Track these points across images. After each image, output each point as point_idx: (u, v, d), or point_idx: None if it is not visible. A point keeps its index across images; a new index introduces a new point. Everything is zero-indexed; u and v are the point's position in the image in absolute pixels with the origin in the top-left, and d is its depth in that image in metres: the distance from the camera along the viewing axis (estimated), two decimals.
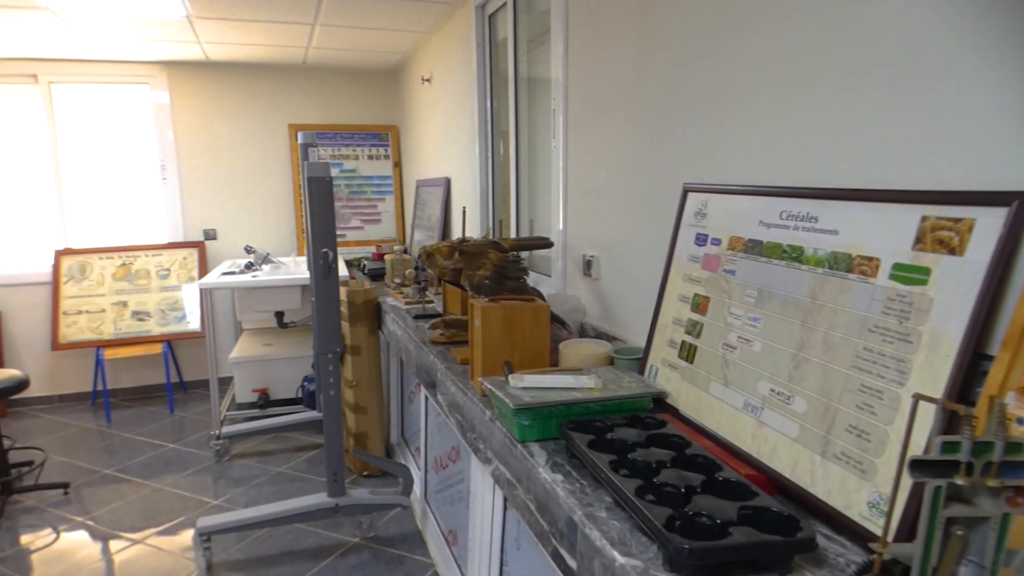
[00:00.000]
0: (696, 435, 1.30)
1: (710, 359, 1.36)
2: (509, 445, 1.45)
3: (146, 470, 3.54)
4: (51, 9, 3.18)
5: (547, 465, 1.30)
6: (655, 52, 1.76)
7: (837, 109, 1.20)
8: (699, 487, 1.06)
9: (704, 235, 1.47)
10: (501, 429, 1.51)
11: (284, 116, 4.93)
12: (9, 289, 4.47)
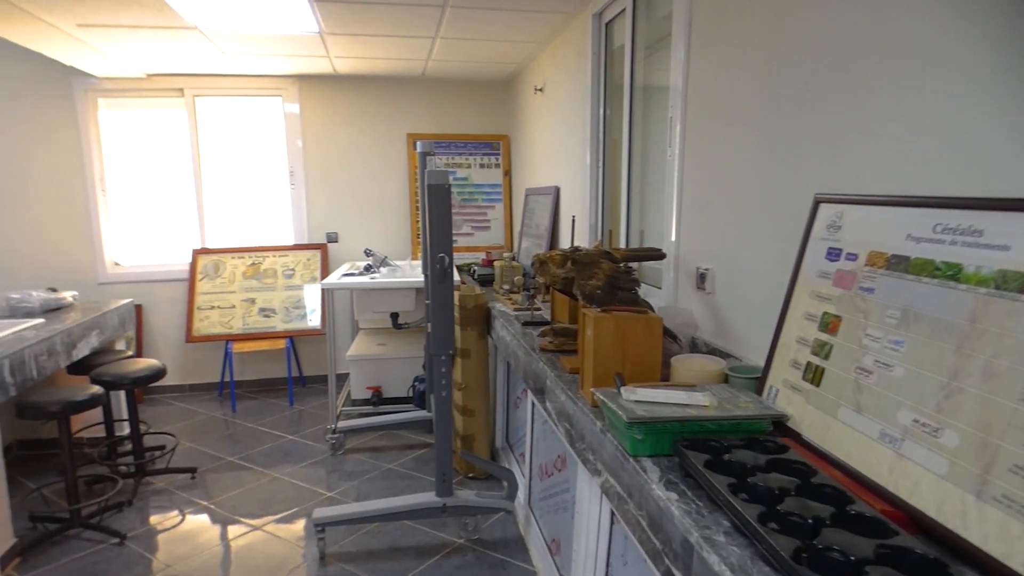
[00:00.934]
0: (821, 463, 1.22)
1: (840, 383, 1.27)
2: (620, 458, 1.43)
3: (266, 459, 3.79)
4: (200, 29, 3.49)
5: (660, 482, 1.26)
6: (788, 55, 1.68)
7: (1008, 105, 1.09)
8: (828, 519, 0.99)
9: (837, 249, 1.38)
10: (612, 441, 1.48)
11: (403, 125, 5.14)
12: (151, 285, 4.93)
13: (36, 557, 2.78)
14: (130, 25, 3.35)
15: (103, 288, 4.82)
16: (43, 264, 4.74)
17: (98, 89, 4.65)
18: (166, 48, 3.88)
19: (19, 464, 3.74)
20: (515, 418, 3.48)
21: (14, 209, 4.63)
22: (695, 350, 2.08)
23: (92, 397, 2.89)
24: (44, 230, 4.71)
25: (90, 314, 3.58)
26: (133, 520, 3.11)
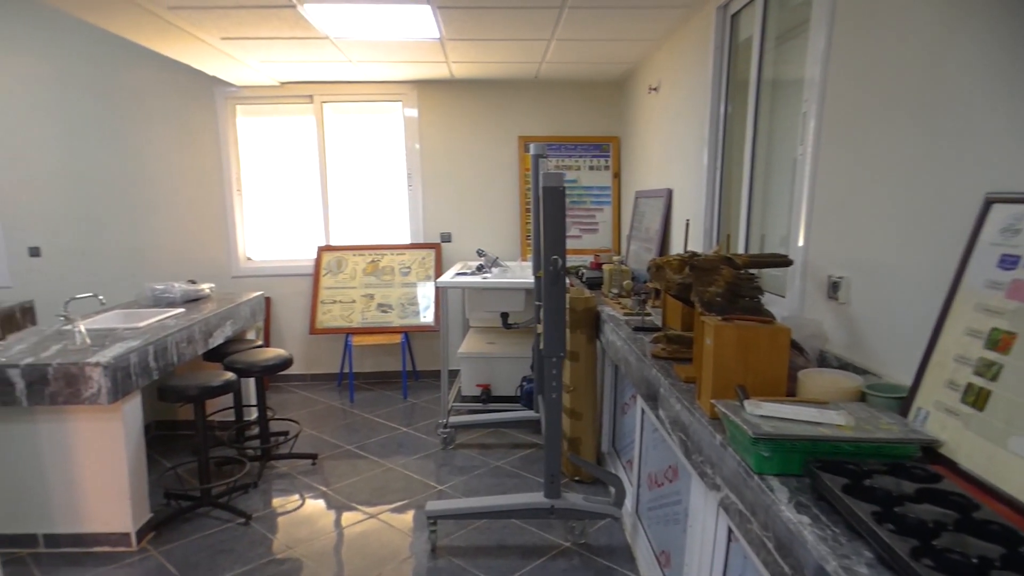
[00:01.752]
0: (985, 496, 1.09)
1: (1012, 408, 1.13)
2: (743, 475, 1.35)
3: (381, 450, 3.94)
4: (331, 39, 3.68)
5: (790, 503, 1.18)
6: (962, 33, 1.49)
7: None
8: (998, 561, 0.88)
9: (1014, 257, 1.23)
10: (734, 456, 1.41)
11: (514, 128, 5.19)
12: (279, 279, 5.26)
13: (169, 532, 3.03)
14: (268, 37, 3.59)
15: (236, 281, 5.21)
16: (183, 258, 5.18)
17: (237, 97, 5.03)
18: (299, 57, 4.12)
19: (156, 443, 4.10)
20: (622, 424, 3.42)
21: (159, 207, 5.10)
22: (824, 364, 1.94)
23: (226, 383, 3.12)
24: (185, 226, 5.15)
25: (225, 305, 3.88)
26: (257, 502, 3.33)
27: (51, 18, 4.79)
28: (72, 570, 2.70)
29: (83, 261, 5.12)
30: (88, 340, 2.93)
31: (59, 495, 2.80)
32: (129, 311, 3.67)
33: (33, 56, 4.85)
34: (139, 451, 2.90)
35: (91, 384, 2.62)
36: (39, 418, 2.73)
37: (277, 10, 3.13)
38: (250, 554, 2.82)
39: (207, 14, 3.14)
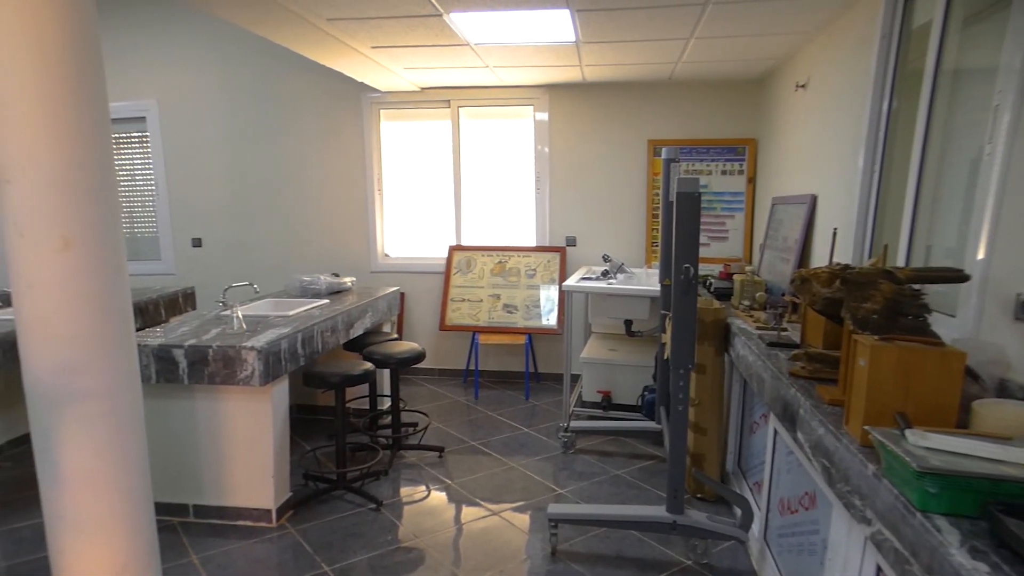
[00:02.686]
0: None
1: None
2: (903, 511, 1.24)
3: (504, 448, 4.00)
4: (471, 45, 3.79)
5: (963, 548, 1.07)
6: None
7: None
8: None
9: None
10: (891, 490, 1.30)
11: (644, 132, 5.09)
12: (413, 276, 5.50)
13: (306, 512, 3.24)
14: (414, 45, 3.76)
15: (374, 276, 5.51)
16: (328, 252, 5.55)
17: (381, 102, 5.32)
18: (440, 64, 4.29)
19: (296, 426, 4.41)
20: (750, 443, 3.25)
21: (308, 204, 5.50)
22: (1005, 395, 1.73)
23: (365, 373, 3.30)
24: (330, 223, 5.51)
25: (364, 298, 4.10)
26: (387, 489, 3.49)
27: (221, 34, 5.31)
28: (217, 541, 2.96)
29: (239, 252, 5.63)
30: (244, 326, 3.21)
31: (210, 469, 3.09)
32: (279, 300, 3.99)
33: (204, 68, 5.40)
34: (284, 432, 3.14)
35: (246, 366, 2.87)
36: (197, 395, 3.03)
37: (424, 19, 3.27)
38: (379, 540, 2.96)
39: (361, 24, 3.35)
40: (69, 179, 1.82)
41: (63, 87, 1.78)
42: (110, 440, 1.96)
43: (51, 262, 1.83)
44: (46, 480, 1.95)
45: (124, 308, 1.98)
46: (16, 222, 1.81)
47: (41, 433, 1.91)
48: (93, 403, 1.92)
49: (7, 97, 1.75)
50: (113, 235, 1.93)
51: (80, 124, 1.83)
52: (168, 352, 2.92)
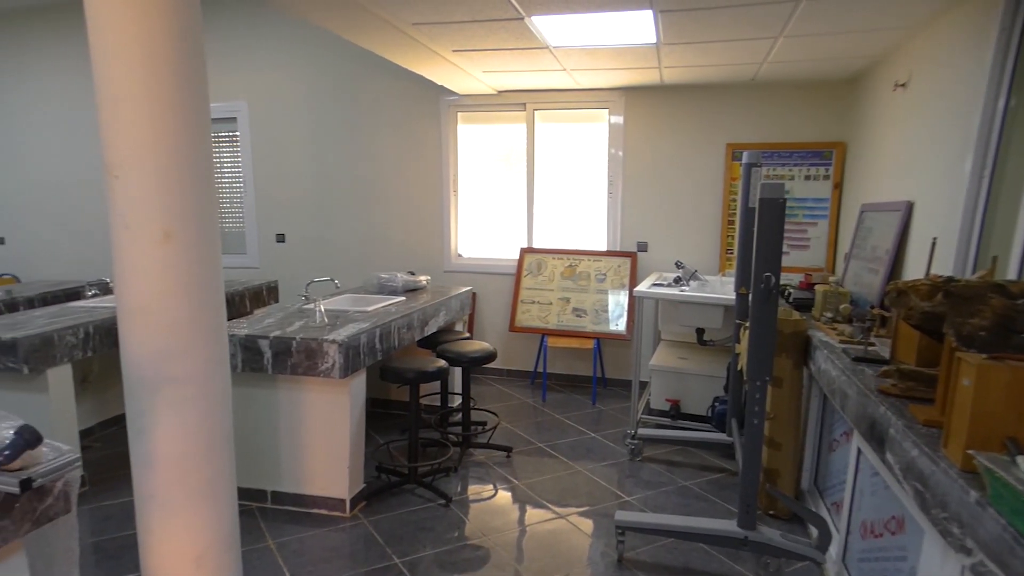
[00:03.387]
0: None
1: None
2: (1012, 543, 1.15)
3: (570, 452, 3.98)
4: (551, 48, 3.79)
5: None
6: None
7: None
8: None
9: None
10: (998, 519, 1.21)
11: (722, 135, 4.96)
12: (485, 276, 5.55)
13: (378, 504, 3.31)
14: (494, 48, 3.79)
15: (447, 275, 5.60)
16: (404, 250, 5.67)
17: (459, 104, 5.39)
18: (517, 67, 4.31)
19: (370, 419, 4.52)
20: (829, 461, 3.11)
21: (386, 203, 5.63)
22: None
23: (439, 370, 3.35)
24: (407, 222, 5.63)
25: (438, 297, 4.17)
26: (456, 486, 3.53)
27: (307, 38, 5.51)
28: (292, 527, 3.07)
29: (319, 248, 5.82)
30: (326, 319, 3.32)
31: (289, 457, 3.21)
32: (358, 296, 4.10)
33: (291, 70, 5.62)
34: (360, 425, 3.22)
35: (327, 359, 2.96)
36: (280, 385, 3.15)
37: (506, 23, 3.29)
38: (447, 535, 3.00)
39: (444, 28, 3.40)
40: (172, 175, 1.93)
41: (169, 89, 1.89)
42: (199, 425, 2.06)
43: (152, 253, 1.94)
44: (138, 460, 2.07)
45: (217, 299, 2.08)
46: (122, 215, 1.93)
47: (136, 415, 2.03)
48: (185, 388, 2.02)
49: (119, 97, 1.87)
50: (210, 229, 2.03)
51: (183, 124, 1.94)
52: (254, 342, 3.05)
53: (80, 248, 6.44)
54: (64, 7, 6.04)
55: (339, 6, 3.02)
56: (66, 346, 3.22)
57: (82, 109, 6.18)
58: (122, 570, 2.71)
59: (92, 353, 3.39)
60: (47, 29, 6.12)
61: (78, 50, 6.07)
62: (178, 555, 2.09)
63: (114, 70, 1.84)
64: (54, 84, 6.21)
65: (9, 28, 6.22)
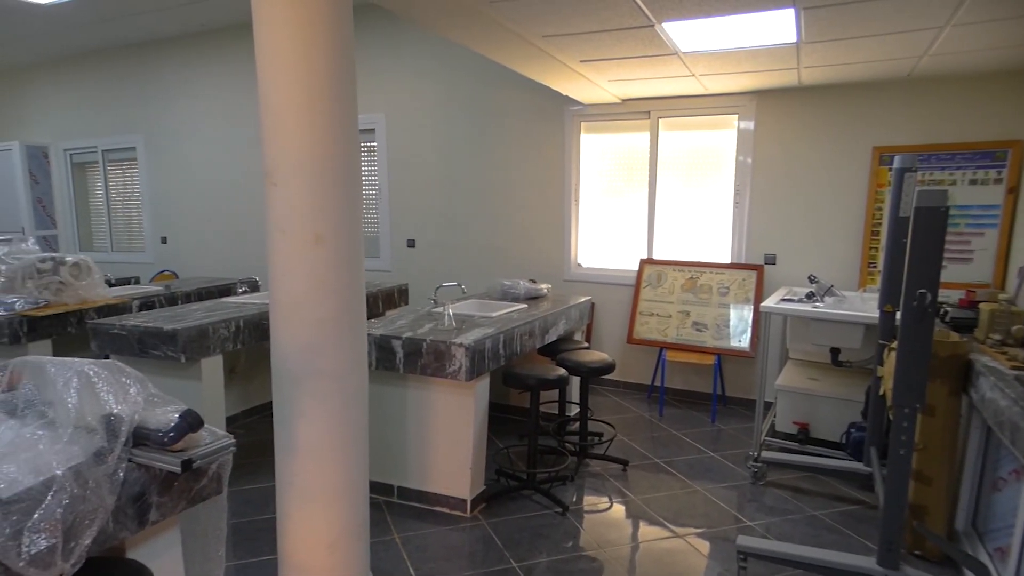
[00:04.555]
0: None
1: None
2: None
3: (688, 470, 3.85)
4: (680, 54, 3.72)
5: None
6: None
7: None
8: None
9: None
10: None
11: (868, 138, 4.62)
12: (603, 286, 5.51)
13: (496, 506, 3.36)
14: (621, 57, 3.77)
15: (567, 284, 5.61)
16: (525, 258, 5.75)
17: (582, 114, 5.40)
18: (644, 75, 4.26)
19: (490, 423, 4.58)
20: (993, 501, 2.80)
21: (510, 211, 5.73)
22: None
23: (559, 378, 3.36)
24: (529, 230, 5.70)
25: (559, 306, 4.19)
26: (572, 495, 3.51)
27: (441, 53, 5.74)
28: (416, 523, 3.17)
29: (446, 253, 6.03)
30: (453, 323, 3.43)
31: (415, 454, 3.33)
32: (483, 301, 4.21)
33: (425, 84, 5.87)
34: (482, 428, 3.29)
35: (454, 361, 3.05)
36: (409, 384, 3.28)
37: (635, 31, 3.26)
38: (563, 544, 2.99)
39: (573, 39, 3.43)
40: (324, 183, 2.06)
41: (324, 105, 2.03)
42: (339, 417, 2.18)
43: (304, 255, 2.08)
44: (281, 448, 2.22)
45: (359, 299, 2.20)
46: (278, 219, 2.09)
47: (282, 405, 2.19)
48: (327, 382, 2.15)
49: (280, 112, 2.03)
50: (355, 233, 2.16)
51: (336, 137, 2.07)
52: (388, 342, 3.20)
53: (232, 248, 7.05)
54: (228, 32, 6.66)
55: (476, 22, 3.12)
56: (219, 338, 3.53)
57: (240, 123, 6.77)
58: (259, 552, 2.92)
59: (241, 346, 3.69)
60: (214, 51, 6.77)
61: (239, 69, 6.66)
62: (313, 540, 2.23)
63: (276, 88, 2.01)
64: (218, 100, 6.86)
65: (182, 50, 6.95)
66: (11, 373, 1.82)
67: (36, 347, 3.78)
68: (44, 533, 1.38)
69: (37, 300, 3.91)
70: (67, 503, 1.43)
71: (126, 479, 1.57)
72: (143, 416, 1.62)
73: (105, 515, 1.51)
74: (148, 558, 1.77)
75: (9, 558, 1.33)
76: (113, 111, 7.53)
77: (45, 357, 1.76)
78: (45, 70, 7.96)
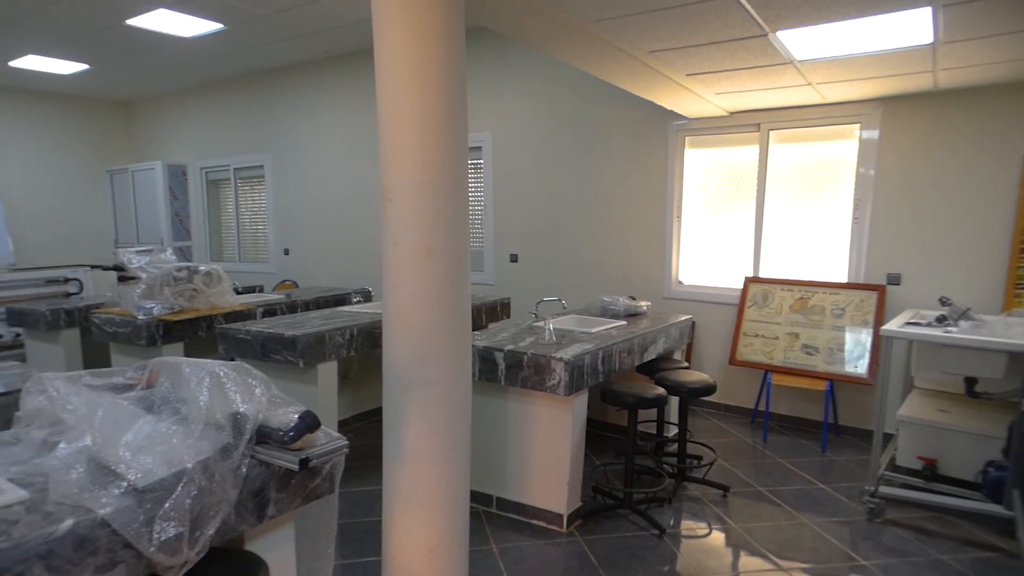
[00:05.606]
0: None
1: None
2: None
3: (794, 500, 3.65)
4: (795, 63, 3.57)
5: None
6: None
7: None
8: None
9: None
10: None
11: (1016, 144, 4.18)
12: (704, 305, 5.34)
13: (593, 524, 3.32)
14: (730, 69, 3.68)
15: (667, 302, 5.49)
16: (625, 274, 5.69)
17: (687, 128, 5.30)
18: (754, 86, 4.12)
19: (587, 440, 4.55)
20: None
21: (611, 227, 5.70)
22: None
23: (658, 397, 3.29)
24: (629, 246, 5.64)
25: (658, 324, 4.11)
26: (669, 518, 3.42)
27: (545, 71, 5.82)
28: (513, 535, 3.19)
29: (547, 268, 6.07)
30: (554, 337, 3.45)
31: (514, 466, 3.35)
32: (582, 317, 4.20)
33: (529, 102, 5.96)
34: (580, 443, 3.28)
35: (554, 375, 3.06)
36: (510, 396, 3.32)
37: (746, 41, 3.18)
38: (659, 567, 2.92)
39: (679, 53, 3.38)
40: (435, 199, 2.14)
41: (437, 126, 2.11)
42: (444, 425, 2.24)
43: (415, 267, 2.17)
44: (389, 453, 2.31)
45: (466, 311, 2.26)
46: (392, 233, 2.19)
47: (391, 410, 2.27)
48: (434, 390, 2.22)
49: (395, 131, 2.13)
50: (463, 247, 2.23)
51: (446, 155, 2.15)
52: (491, 354, 3.26)
53: (347, 260, 7.43)
54: (347, 58, 7.07)
55: (583, 40, 3.15)
56: (334, 345, 3.72)
57: (357, 143, 7.15)
58: (364, 552, 3.04)
59: (354, 353, 3.88)
60: (334, 76, 7.21)
61: (357, 92, 7.05)
62: (415, 544, 2.29)
63: (394, 110, 2.11)
64: (337, 121, 7.29)
65: (307, 75, 7.45)
66: (150, 372, 2.00)
67: (169, 349, 4.14)
68: (173, 521, 1.50)
69: (173, 306, 4.29)
70: (195, 494, 1.55)
71: (248, 474, 1.69)
72: (266, 416, 1.73)
73: (228, 508, 1.63)
74: (264, 551, 1.88)
75: (141, 543, 1.45)
76: (244, 132, 8.16)
77: (181, 358, 1.92)
78: (185, 96, 8.76)
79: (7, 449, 1.71)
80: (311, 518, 2.07)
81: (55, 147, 8.87)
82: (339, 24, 5.80)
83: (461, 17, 2.17)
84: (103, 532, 1.41)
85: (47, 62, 6.90)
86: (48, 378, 1.86)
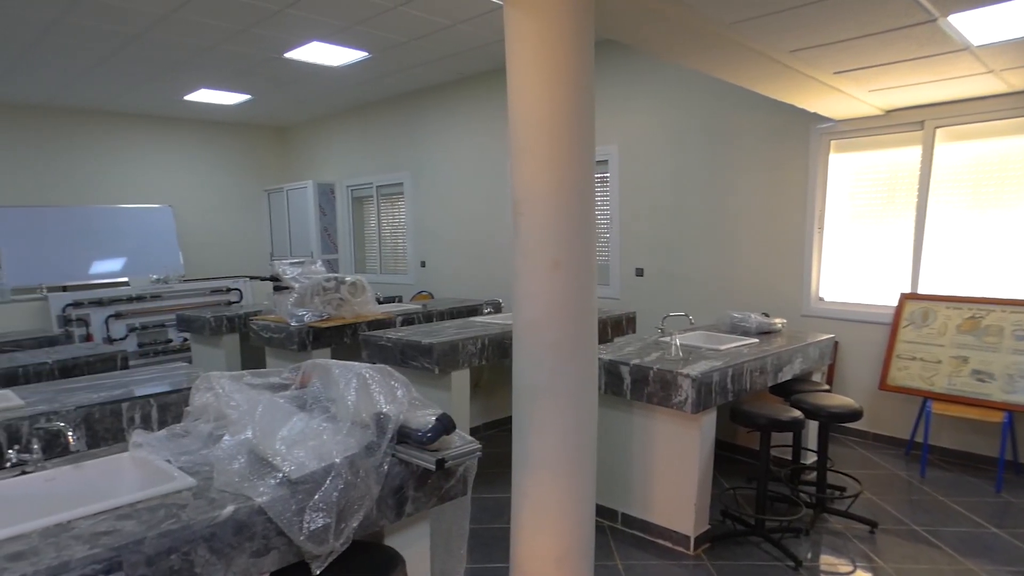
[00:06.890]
0: None
1: None
2: None
3: (959, 544, 3.27)
4: (971, 49, 3.22)
5: None
6: None
7: None
8: None
9: None
10: None
11: None
12: (849, 324, 4.94)
13: (721, 549, 3.18)
14: (886, 63, 3.40)
15: (805, 320, 5.16)
16: (757, 289, 5.41)
17: (832, 132, 4.97)
18: (917, 79, 3.76)
19: (716, 462, 4.34)
20: None
21: (742, 240, 5.45)
22: None
23: (793, 420, 3.10)
24: (762, 260, 5.36)
25: (795, 342, 3.87)
26: (806, 550, 3.19)
27: (673, 81, 5.70)
28: (638, 552, 3.13)
29: (674, 283, 5.92)
30: (680, 353, 3.35)
31: (639, 482, 3.29)
32: (710, 333, 4.05)
33: (656, 113, 5.87)
34: (708, 464, 3.16)
35: (680, 392, 2.98)
36: (635, 411, 3.26)
37: (909, 30, 2.92)
38: None
39: (825, 50, 3.19)
40: (564, 213, 2.18)
41: (565, 143, 2.15)
42: (571, 435, 2.25)
43: (544, 279, 2.21)
44: (518, 460, 2.35)
45: (592, 322, 2.27)
46: (523, 245, 2.24)
47: (520, 419, 2.32)
48: (562, 400, 2.24)
49: (528, 146, 2.19)
50: (589, 260, 2.24)
51: (574, 171, 2.18)
52: (616, 367, 3.23)
53: (479, 272, 7.68)
54: (480, 78, 7.34)
55: (714, 45, 3.06)
56: (467, 354, 3.85)
57: (488, 159, 7.40)
58: (492, 558, 3.10)
59: (485, 362, 3.99)
60: (468, 95, 7.51)
61: (488, 110, 7.30)
62: (543, 552, 2.31)
63: (525, 128, 2.18)
64: (470, 139, 7.58)
65: (442, 95, 7.82)
66: (303, 373, 2.18)
67: (318, 354, 4.48)
68: (322, 512, 1.63)
69: (322, 313, 4.64)
70: (342, 488, 1.66)
71: (389, 472, 1.79)
72: (406, 416, 1.84)
73: (371, 503, 1.73)
74: (401, 547, 1.98)
75: (292, 532, 1.58)
76: (385, 152, 8.69)
77: (332, 360, 2.08)
78: (333, 120, 9.48)
79: (178, 440, 1.93)
80: (444, 518, 2.16)
81: (220, 170, 9.92)
82: (472, 46, 6.04)
83: (591, 29, 2.20)
84: (259, 519, 1.56)
85: (216, 94, 7.74)
86: (215, 377, 2.08)
